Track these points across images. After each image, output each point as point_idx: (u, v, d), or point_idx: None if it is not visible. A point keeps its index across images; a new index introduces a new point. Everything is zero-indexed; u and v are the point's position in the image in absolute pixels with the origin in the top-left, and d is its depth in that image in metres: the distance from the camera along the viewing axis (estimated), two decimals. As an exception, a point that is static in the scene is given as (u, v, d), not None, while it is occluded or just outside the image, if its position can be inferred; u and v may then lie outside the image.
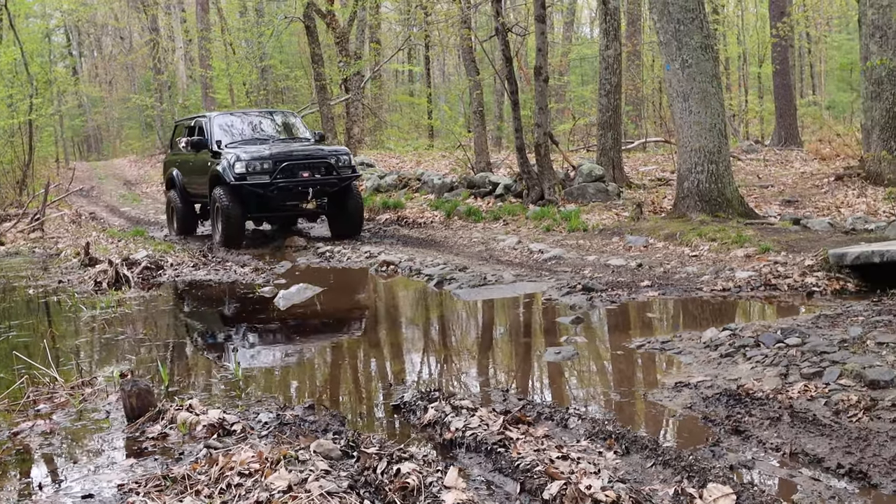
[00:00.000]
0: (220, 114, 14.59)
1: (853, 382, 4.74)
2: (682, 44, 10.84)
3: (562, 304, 7.68)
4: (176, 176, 14.71)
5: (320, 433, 4.47)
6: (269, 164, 12.30)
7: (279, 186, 12.31)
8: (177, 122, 16.23)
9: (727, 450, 4.15)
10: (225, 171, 12.35)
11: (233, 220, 12.46)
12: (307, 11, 20.54)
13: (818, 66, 33.99)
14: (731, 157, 14.50)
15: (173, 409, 4.89)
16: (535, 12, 14.15)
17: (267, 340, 7.27)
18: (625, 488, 3.50)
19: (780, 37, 20.99)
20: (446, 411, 4.68)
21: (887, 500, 3.56)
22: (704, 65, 10.87)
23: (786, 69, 22.62)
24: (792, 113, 22.56)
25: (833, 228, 10.12)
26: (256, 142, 13.53)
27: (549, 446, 4.10)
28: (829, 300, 7.11)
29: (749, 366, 5.36)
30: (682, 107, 11.07)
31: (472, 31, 18.07)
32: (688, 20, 10.80)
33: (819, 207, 12.58)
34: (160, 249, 11.74)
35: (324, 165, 12.68)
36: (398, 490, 3.61)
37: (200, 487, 3.75)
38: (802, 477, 3.82)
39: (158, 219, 17.10)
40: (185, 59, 35.99)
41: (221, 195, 12.47)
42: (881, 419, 4.26)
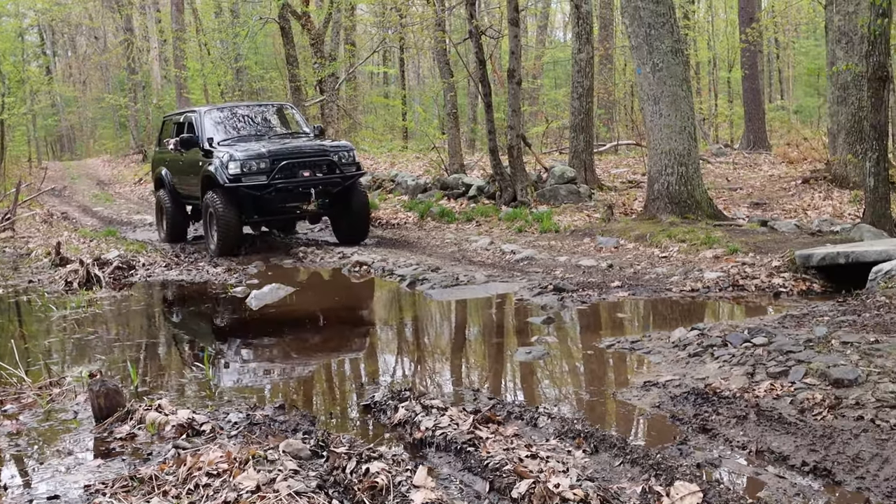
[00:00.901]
0: (212, 107, 13.35)
1: (818, 381, 4.77)
2: (653, 48, 10.89)
3: (533, 304, 7.68)
4: (165, 175, 13.46)
5: (290, 433, 4.43)
6: (266, 164, 11.15)
7: (278, 188, 11.21)
8: (165, 117, 14.89)
9: (694, 448, 4.15)
10: (218, 171, 11.17)
11: (228, 226, 11.21)
12: (282, 13, 20.43)
13: (786, 71, 34.31)
14: (700, 159, 14.59)
15: (142, 410, 4.82)
16: (509, 16, 14.16)
17: (238, 341, 7.21)
18: (593, 486, 3.50)
19: (749, 42, 21.16)
20: (416, 411, 4.65)
21: (851, 496, 3.58)
22: (675, 69, 10.92)
23: (754, 74, 22.81)
24: (760, 117, 22.75)
25: (800, 230, 10.20)
26: (252, 138, 12.36)
27: (518, 445, 4.09)
28: (795, 300, 7.16)
29: (717, 365, 5.37)
30: (652, 110, 11.12)
31: (446, 33, 18.05)
32: (658, 24, 10.85)
33: (786, 210, 12.68)
34: (132, 249, 11.61)
35: (326, 163, 11.57)
36: (367, 489, 3.58)
37: (168, 488, 3.70)
38: (768, 474, 3.83)
39: (132, 219, 16.94)
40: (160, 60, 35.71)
41: (215, 199, 11.22)
42: (845, 417, 4.28)
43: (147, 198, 21.03)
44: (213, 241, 11.48)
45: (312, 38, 21.79)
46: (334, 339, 7.08)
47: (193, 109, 13.22)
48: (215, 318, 8.11)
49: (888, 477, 3.65)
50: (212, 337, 7.37)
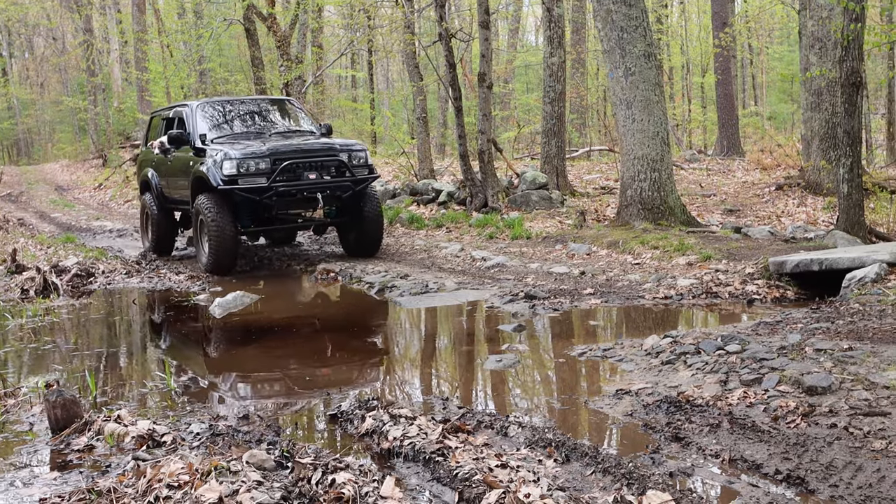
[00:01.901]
0: (205, 101, 12.05)
1: (791, 389, 4.82)
2: (626, 52, 10.98)
3: (504, 311, 7.70)
4: (152, 178, 12.36)
5: (254, 443, 4.40)
6: (266, 164, 10.03)
7: (280, 192, 10.07)
8: (153, 113, 13.80)
9: (667, 457, 4.18)
10: (211, 172, 10.08)
11: (222, 236, 10.01)
12: (247, 14, 20.33)
13: (760, 76, 34.72)
14: (674, 165, 14.71)
15: (100, 421, 4.77)
16: (479, 18, 14.22)
17: (201, 350, 7.15)
18: (564, 496, 3.51)
19: (723, 47, 21.39)
20: (384, 420, 4.64)
21: (825, 503, 3.61)
22: (647, 73, 11.02)
23: (728, 80, 23.06)
24: (734, 123, 22.99)
25: (773, 237, 10.32)
26: (250, 136, 11.23)
27: (488, 455, 4.09)
28: (769, 308, 7.24)
29: (690, 373, 5.42)
30: (625, 114, 11.20)
31: (415, 36, 18.09)
32: (631, 28, 10.94)
33: (760, 216, 12.82)
34: (91, 256, 11.48)
35: (334, 164, 10.44)
36: (333, 501, 3.56)
37: (127, 501, 3.67)
38: (741, 483, 3.86)
39: (91, 225, 16.75)
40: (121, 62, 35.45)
41: (206, 203, 10.08)
42: (819, 425, 4.33)
43: (107, 203, 20.84)
44: (205, 254, 10.36)
45: (278, 40, 21.69)
46: (299, 347, 7.04)
47: (185, 103, 12.09)
48: (178, 327, 8.04)
49: (861, 485, 3.69)
50: (173, 346, 7.31)
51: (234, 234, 10.23)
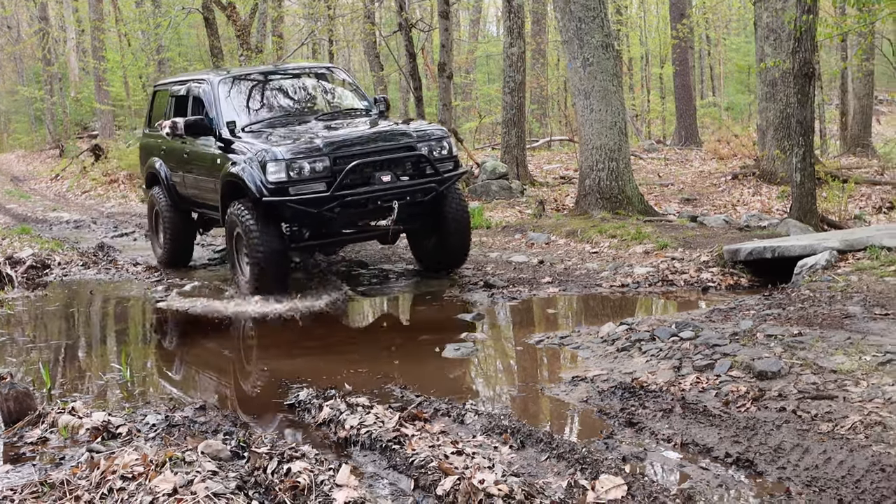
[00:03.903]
0: (230, 75, 9.23)
1: (743, 374, 4.89)
2: (584, 42, 11.02)
3: (463, 300, 7.72)
4: (161, 169, 9.82)
5: (210, 434, 4.39)
6: (324, 164, 7.54)
7: (345, 202, 7.63)
8: (157, 87, 10.92)
9: (620, 442, 4.23)
10: (250, 176, 7.58)
11: (269, 257, 7.60)
12: (206, 3, 20.09)
13: (718, 67, 35.04)
14: (632, 155, 14.83)
15: (55, 413, 4.73)
16: (439, 9, 14.22)
17: (158, 341, 7.09)
18: (518, 482, 3.54)
19: (680, 38, 21.55)
20: (341, 409, 4.65)
21: (772, 486, 3.68)
22: (605, 63, 11.07)
23: (686, 70, 23.25)
24: (692, 113, 23.20)
25: (728, 225, 10.44)
26: (290, 120, 8.68)
27: (444, 442, 4.12)
28: (723, 295, 7.33)
29: (644, 359, 5.47)
30: (583, 104, 11.25)
31: (375, 26, 18.04)
32: (589, 19, 10.98)
33: (716, 205, 12.97)
34: (47, 248, 11.30)
35: (412, 159, 7.97)
36: (289, 489, 3.56)
37: (80, 493, 3.64)
38: (692, 466, 3.92)
39: (47, 216, 16.48)
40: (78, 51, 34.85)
41: (245, 216, 7.64)
42: (768, 409, 4.40)
43: (64, 194, 20.54)
44: (245, 276, 7.98)
45: (238, 29, 21.47)
46: (258, 337, 7.01)
47: (202, 77, 9.35)
48: (135, 319, 7.96)
49: (808, 467, 3.77)
50: (131, 337, 7.24)
51: (282, 253, 7.80)
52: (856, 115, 20.51)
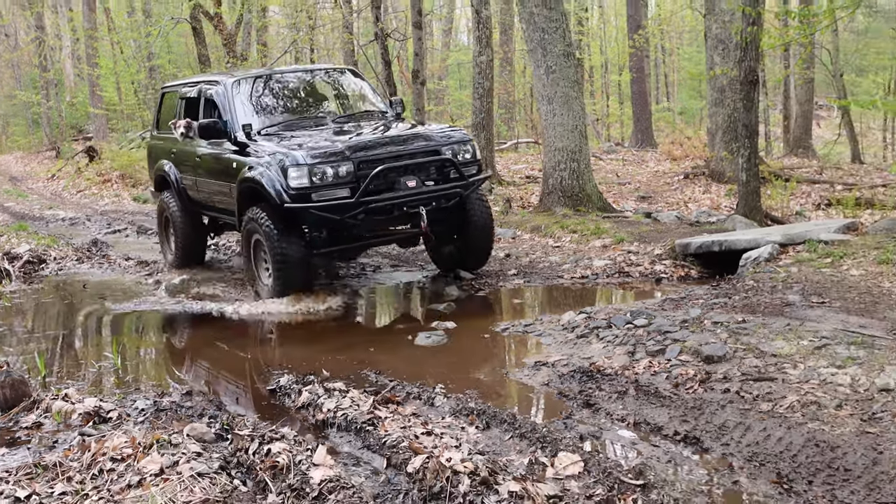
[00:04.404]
0: (244, 77, 8.50)
1: (691, 358, 4.94)
2: (547, 51, 11.04)
3: (435, 291, 7.72)
4: (171, 172, 9.05)
5: (196, 417, 4.37)
6: (348, 169, 6.89)
7: (370, 208, 7.00)
8: (165, 88, 10.04)
9: (578, 422, 4.25)
10: (270, 181, 6.94)
11: (289, 263, 7.04)
12: (194, 13, 19.95)
13: (672, 75, 35.25)
14: (593, 156, 14.88)
15: (48, 399, 4.69)
16: (413, 20, 14.18)
17: (148, 330, 7.03)
18: (483, 459, 3.55)
19: (637, 48, 21.66)
20: (319, 393, 4.64)
21: (717, 461, 3.72)
22: (567, 71, 11.10)
23: (642, 78, 23.37)
24: (647, 117, 23.32)
25: (680, 221, 10.52)
26: (308, 123, 8.02)
27: (415, 423, 4.12)
28: (675, 285, 7.38)
29: (601, 345, 5.50)
30: (547, 109, 11.28)
31: (353, 36, 17.97)
32: (552, 29, 11.00)
33: (669, 202, 13.06)
34: (43, 244, 11.17)
35: (437, 164, 7.33)
36: (269, 469, 3.55)
37: (72, 474, 3.61)
38: (644, 444, 3.95)
39: (44, 214, 16.27)
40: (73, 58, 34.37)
41: (265, 223, 7.05)
42: (714, 390, 4.45)
43: (60, 193, 20.29)
44: (264, 283, 7.42)
45: (224, 38, 21.32)
46: (242, 327, 6.96)
47: (215, 79, 8.56)
48: (127, 309, 7.88)
49: (749, 443, 3.81)
50: (123, 328, 7.17)
51: (304, 260, 7.17)
52: (798, 119, 20.72)
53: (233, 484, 3.36)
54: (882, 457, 3.50)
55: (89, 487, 3.46)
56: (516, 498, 3.12)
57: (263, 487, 3.44)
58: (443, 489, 3.33)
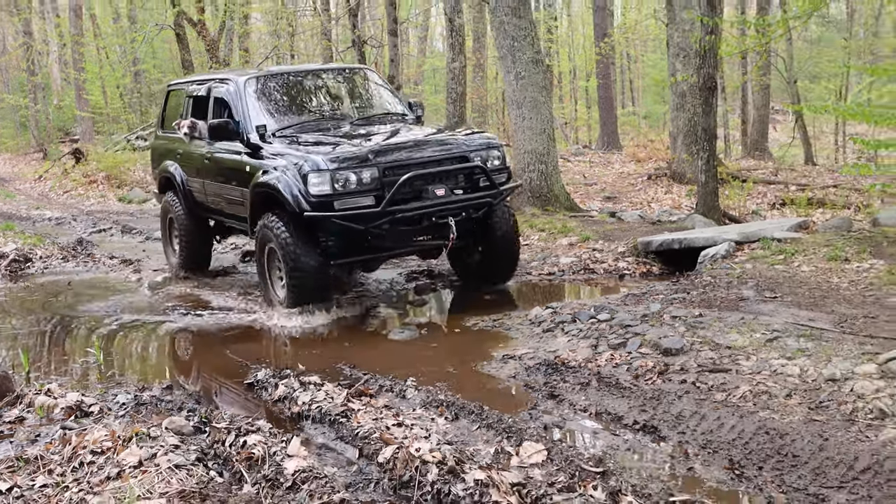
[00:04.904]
0: (256, 75, 7.72)
1: (651, 351, 4.97)
2: (517, 58, 11.05)
3: (409, 288, 7.71)
4: (176, 173, 8.35)
5: (175, 411, 4.33)
6: (372, 175, 6.17)
7: (397, 219, 6.29)
8: (171, 86, 9.27)
9: (543, 412, 4.26)
10: (287, 187, 6.23)
11: (306, 275, 6.32)
12: (178, 20, 19.75)
13: (637, 81, 35.43)
14: (561, 158, 14.91)
15: (31, 394, 4.62)
16: (388, 27, 14.15)
17: (131, 325, 6.95)
18: (451, 449, 3.54)
19: (603, 55, 21.74)
20: (295, 387, 4.62)
21: (673, 449, 3.75)
22: (535, 77, 11.11)
23: (608, 83, 23.47)
24: (613, 121, 23.41)
25: (643, 220, 10.57)
26: (325, 125, 7.28)
27: (387, 415, 4.11)
28: (637, 281, 7.42)
29: (566, 339, 5.52)
30: (516, 113, 11.29)
31: (332, 42, 17.89)
32: (521, 37, 11.01)
33: (633, 202, 13.12)
34: (29, 242, 11.02)
35: (465, 172, 6.59)
36: (244, 460, 3.53)
37: (53, 466, 3.57)
38: (605, 433, 3.97)
39: (31, 214, 16.04)
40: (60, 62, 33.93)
41: (280, 231, 6.32)
42: (671, 381, 4.48)
43: (47, 194, 20.02)
44: (277, 294, 6.71)
45: (207, 44, 21.14)
46: (224, 324, 6.90)
47: (227, 78, 7.73)
48: (109, 306, 7.79)
49: (704, 431, 3.84)
50: (106, 324, 7.08)
51: (324, 269, 6.46)
52: (755, 123, 20.92)
53: (209, 475, 3.34)
54: (828, 443, 3.54)
55: (70, 480, 3.42)
56: (482, 486, 3.12)
57: (239, 478, 3.42)
58: (412, 478, 3.33)
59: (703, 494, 3.23)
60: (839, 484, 3.26)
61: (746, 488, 3.32)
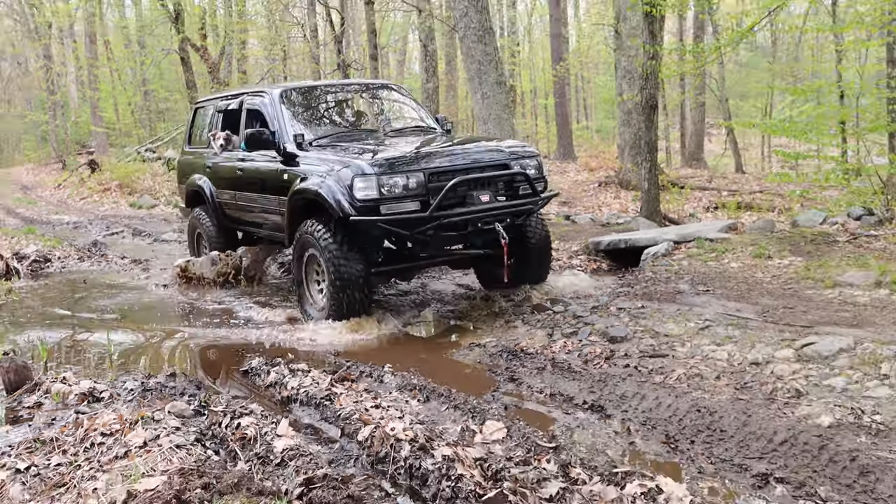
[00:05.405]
0: (289, 88, 7.16)
1: (599, 338, 4.99)
2: (483, 80, 11.05)
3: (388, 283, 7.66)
4: (206, 187, 7.73)
5: (178, 396, 4.27)
6: (418, 180, 5.53)
7: (444, 223, 5.61)
8: (196, 104, 8.61)
9: (504, 394, 4.26)
10: (330, 192, 5.58)
11: (353, 282, 5.67)
12: (182, 45, 19.57)
13: (590, 99, 35.58)
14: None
15: (48, 382, 4.54)
16: (369, 52, 14.08)
17: (140, 318, 6.86)
18: (422, 428, 3.53)
19: (559, 77, 21.81)
20: (285, 374, 4.58)
21: (617, 426, 3.76)
22: (499, 97, 11.12)
23: (564, 101, 23.54)
24: (569, 135, 23.50)
25: (594, 222, 10.62)
26: (360, 136, 6.72)
27: (366, 398, 4.09)
28: (588, 277, 7.43)
29: (526, 328, 5.53)
30: (483, 129, 11.28)
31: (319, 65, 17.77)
32: (486, 62, 11.01)
33: (586, 206, 13.18)
34: (49, 245, 10.85)
35: (506, 179, 5.93)
36: (238, 440, 3.50)
37: (67, 447, 3.51)
38: (558, 412, 3.98)
39: (50, 219, 15.78)
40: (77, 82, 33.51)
41: (323, 237, 5.71)
42: (616, 365, 4.50)
43: (65, 201, 19.71)
44: (315, 303, 6.08)
45: (209, 66, 20.95)
46: (225, 316, 6.84)
47: (261, 90, 7.10)
48: (122, 301, 7.68)
49: (644, 410, 3.86)
50: (117, 317, 6.98)
51: (367, 276, 5.77)
52: (692, 136, 21.11)
53: (206, 454, 3.30)
54: (751, 419, 3.57)
55: (82, 459, 3.36)
56: (448, 460, 3.12)
57: (234, 456, 3.39)
58: (387, 454, 3.32)
59: (642, 466, 3.24)
60: (760, 455, 3.29)
61: (680, 460, 3.34)
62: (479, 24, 10.81)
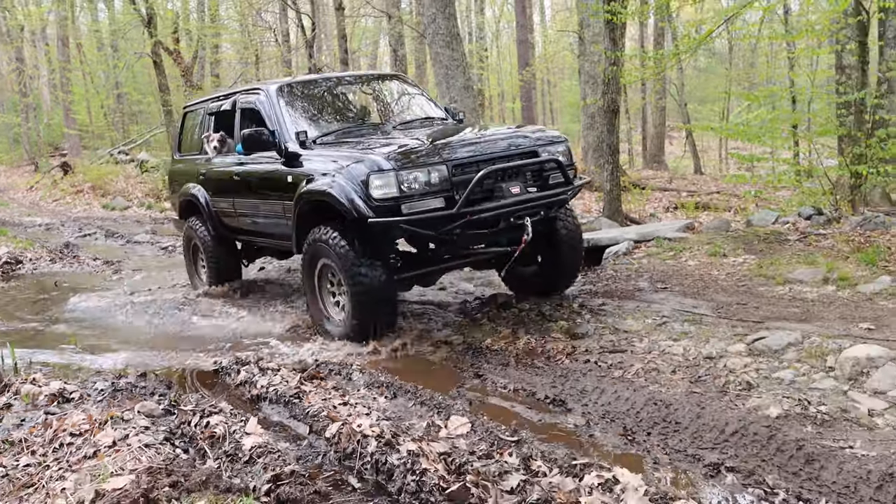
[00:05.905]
0: (287, 83, 6.25)
1: (562, 335, 5.02)
2: (450, 85, 11.07)
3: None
4: (200, 195, 6.92)
5: (148, 396, 4.22)
6: (441, 174, 4.80)
7: (472, 221, 4.84)
8: (187, 108, 7.68)
9: (469, 390, 4.28)
10: (344, 194, 4.84)
11: (374, 293, 4.97)
12: (155, 49, 19.29)
13: (555, 103, 35.82)
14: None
15: (18, 383, 4.45)
16: (340, 56, 14.01)
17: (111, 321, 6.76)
18: (388, 424, 3.53)
19: (526, 81, 21.92)
20: (255, 372, 4.55)
21: (578, 418, 3.79)
22: (467, 101, 11.14)
23: (530, 105, 23.68)
24: (536, 138, 23.62)
25: (559, 223, 10.67)
26: (369, 131, 5.90)
27: (335, 396, 4.08)
28: (552, 275, 7.47)
29: (491, 325, 5.54)
30: (451, 132, 11.32)
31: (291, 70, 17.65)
32: (454, 67, 11.03)
33: (552, 207, 13.24)
34: (20, 246, 10.63)
35: (535, 168, 5.20)
36: (207, 438, 3.46)
37: (36, 448, 3.45)
38: (520, 406, 4.00)
39: (22, 220, 15.44)
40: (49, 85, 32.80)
41: (340, 244, 4.97)
42: (577, 361, 4.54)
43: (38, 202, 19.32)
44: (333, 318, 5.35)
45: (182, 70, 20.68)
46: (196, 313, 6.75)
47: (257, 88, 6.30)
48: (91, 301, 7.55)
49: (604, 403, 3.90)
50: (87, 318, 6.87)
51: (391, 283, 5.07)
52: (653, 139, 21.35)
53: (175, 453, 3.27)
54: (704, 412, 3.63)
55: (50, 459, 3.31)
56: (413, 455, 3.12)
57: (203, 454, 3.36)
58: (354, 450, 3.31)
59: (600, 457, 3.28)
60: (713, 445, 3.35)
61: (637, 451, 3.38)
62: (447, 30, 10.83)
